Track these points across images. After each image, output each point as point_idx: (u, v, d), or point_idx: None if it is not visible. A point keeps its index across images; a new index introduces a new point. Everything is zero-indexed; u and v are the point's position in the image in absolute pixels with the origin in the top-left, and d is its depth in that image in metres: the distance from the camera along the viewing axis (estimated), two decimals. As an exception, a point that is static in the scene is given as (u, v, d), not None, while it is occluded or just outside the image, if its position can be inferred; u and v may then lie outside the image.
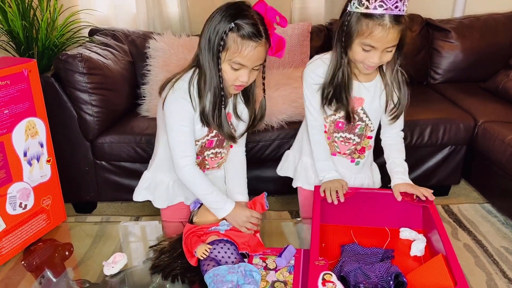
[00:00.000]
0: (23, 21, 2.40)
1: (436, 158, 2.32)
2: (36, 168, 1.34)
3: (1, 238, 1.27)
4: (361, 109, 1.42)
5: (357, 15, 1.24)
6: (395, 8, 1.21)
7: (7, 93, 1.22)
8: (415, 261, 1.23)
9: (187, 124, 1.30)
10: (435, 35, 2.76)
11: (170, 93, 1.29)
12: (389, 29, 1.22)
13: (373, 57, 1.27)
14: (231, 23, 1.20)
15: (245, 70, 1.24)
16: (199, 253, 1.17)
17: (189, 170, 1.32)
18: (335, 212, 1.36)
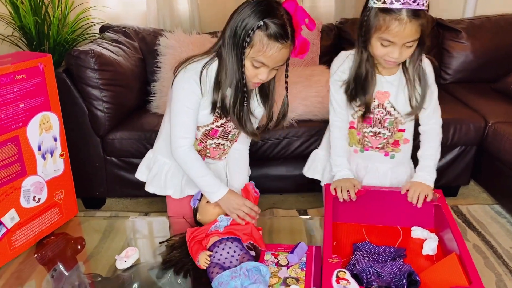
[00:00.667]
0: (35, 17, 2.42)
1: (446, 159, 2.30)
2: (49, 162, 1.36)
3: (15, 231, 1.28)
4: (387, 102, 1.42)
5: (375, 10, 1.25)
6: (413, 3, 1.20)
7: (23, 87, 1.23)
8: (427, 260, 1.23)
9: (191, 106, 1.30)
10: (446, 35, 2.75)
11: (182, 72, 1.30)
12: (406, 23, 1.21)
13: (393, 52, 1.27)
14: (260, 20, 1.19)
15: (266, 68, 1.24)
16: (201, 262, 1.17)
17: (184, 150, 1.32)
18: (347, 210, 1.36)
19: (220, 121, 1.36)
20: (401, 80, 1.40)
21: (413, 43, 1.27)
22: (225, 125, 1.39)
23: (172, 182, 1.47)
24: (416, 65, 1.37)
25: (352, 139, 1.51)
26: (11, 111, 1.21)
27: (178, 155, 1.33)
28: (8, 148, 1.22)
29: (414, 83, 1.39)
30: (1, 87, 1.18)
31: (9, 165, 1.23)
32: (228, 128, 1.40)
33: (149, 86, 2.53)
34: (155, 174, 1.47)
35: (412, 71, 1.38)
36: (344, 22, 2.75)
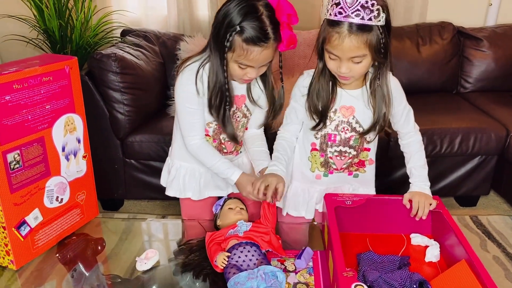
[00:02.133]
0: (59, 21, 2.47)
1: (466, 168, 2.28)
2: (73, 163, 1.38)
3: (38, 230, 1.30)
4: (352, 118, 1.33)
5: (325, 21, 1.19)
6: (355, 16, 1.12)
7: (50, 88, 1.25)
8: (430, 267, 1.21)
9: (193, 106, 1.33)
10: (467, 44, 2.73)
11: (180, 75, 1.33)
12: (345, 37, 1.13)
13: (340, 67, 1.19)
14: (237, 26, 1.19)
15: (252, 69, 1.26)
16: (219, 262, 1.17)
17: (194, 145, 1.38)
18: (346, 219, 1.33)
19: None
20: (365, 95, 1.32)
21: (361, 59, 1.18)
22: (233, 117, 1.40)
23: (191, 184, 1.49)
24: (374, 82, 1.28)
25: (315, 163, 1.41)
26: (38, 112, 1.23)
27: (191, 151, 1.40)
28: (34, 149, 1.25)
29: (377, 101, 1.29)
30: (29, 89, 1.20)
31: (34, 165, 1.26)
32: (237, 118, 1.41)
33: (169, 90, 2.56)
34: (173, 178, 1.50)
35: (373, 88, 1.29)
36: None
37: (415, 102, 2.48)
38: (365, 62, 1.19)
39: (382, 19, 1.14)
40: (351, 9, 1.12)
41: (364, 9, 1.11)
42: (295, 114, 1.37)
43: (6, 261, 1.26)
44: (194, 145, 1.38)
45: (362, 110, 1.32)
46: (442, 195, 2.32)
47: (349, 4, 1.12)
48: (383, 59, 1.21)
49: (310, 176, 1.42)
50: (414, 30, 2.73)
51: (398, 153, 2.20)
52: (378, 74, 1.26)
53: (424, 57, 2.65)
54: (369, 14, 1.12)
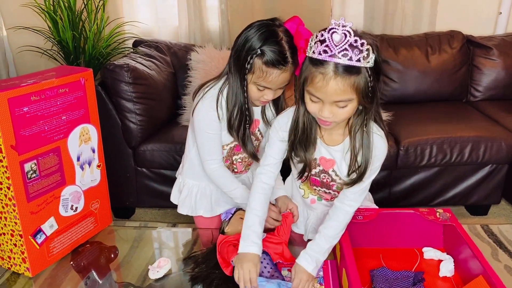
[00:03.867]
0: (73, 32, 2.51)
1: (476, 177, 2.28)
2: (87, 172, 1.40)
3: (53, 238, 1.33)
4: (332, 170, 1.26)
5: (307, 59, 1.08)
6: (342, 56, 1.00)
7: (66, 100, 1.29)
8: (445, 282, 1.19)
9: (213, 131, 1.37)
10: (476, 52, 2.73)
11: (200, 101, 1.36)
12: (330, 79, 1.02)
13: (322, 110, 1.08)
14: (257, 49, 1.23)
15: (269, 91, 1.29)
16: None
17: (214, 170, 1.42)
18: (357, 234, 1.32)
19: None
20: (345, 148, 1.21)
21: (346, 103, 1.07)
22: None
23: (202, 202, 1.53)
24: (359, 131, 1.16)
25: (307, 189, 1.38)
26: (54, 123, 1.27)
27: (210, 175, 1.44)
28: (50, 158, 1.28)
29: (357, 153, 1.18)
30: (46, 100, 1.23)
31: (50, 175, 1.29)
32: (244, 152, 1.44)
33: (179, 100, 2.59)
34: (185, 196, 1.54)
35: (359, 139, 1.17)
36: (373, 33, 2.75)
37: (424, 111, 2.53)
38: (350, 107, 1.08)
39: (371, 60, 1.02)
40: (338, 48, 1.00)
41: (352, 49, 1.00)
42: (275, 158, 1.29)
43: (23, 268, 1.29)
44: (214, 169, 1.42)
45: (340, 163, 1.23)
46: (452, 204, 2.34)
47: (336, 43, 1.01)
48: (370, 104, 1.10)
49: (306, 201, 1.41)
50: (423, 39, 2.73)
51: (407, 162, 2.22)
52: (364, 121, 1.14)
53: (433, 66, 2.66)
54: (358, 54, 1.00)
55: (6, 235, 1.26)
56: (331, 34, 1.01)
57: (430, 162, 2.23)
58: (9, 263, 1.30)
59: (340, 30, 1.01)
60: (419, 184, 2.29)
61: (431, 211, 1.32)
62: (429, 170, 2.27)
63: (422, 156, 2.22)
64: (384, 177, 2.26)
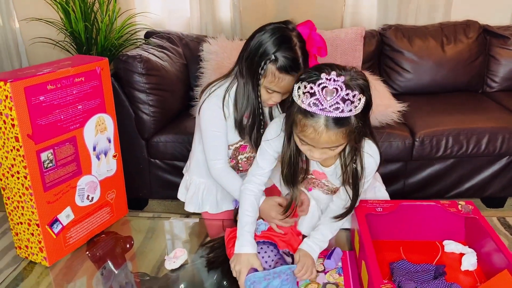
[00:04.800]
0: (85, 23, 2.51)
1: (493, 168, 2.24)
2: (103, 162, 1.40)
3: (69, 228, 1.33)
4: (325, 180, 1.30)
5: (296, 106, 1.05)
6: (334, 110, 0.99)
7: (82, 89, 1.28)
8: (467, 276, 1.17)
9: (219, 130, 1.36)
10: (493, 42, 2.68)
11: (207, 100, 1.35)
12: (322, 132, 1.02)
13: (312, 152, 1.09)
14: (272, 54, 1.22)
15: (278, 94, 1.29)
16: None
17: (219, 170, 1.40)
18: (376, 226, 1.30)
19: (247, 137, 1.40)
20: (336, 169, 1.23)
21: (336, 148, 1.08)
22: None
23: (208, 199, 1.53)
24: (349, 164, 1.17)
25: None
26: (70, 112, 1.26)
27: (214, 175, 1.42)
28: (66, 148, 1.27)
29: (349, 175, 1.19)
30: (62, 89, 1.23)
31: (66, 164, 1.28)
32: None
33: (192, 91, 2.58)
34: (193, 194, 1.54)
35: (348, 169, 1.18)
36: (386, 28, 2.73)
37: (439, 102, 2.50)
38: (341, 148, 1.09)
39: (361, 106, 1.02)
40: (329, 103, 0.98)
41: (344, 102, 0.99)
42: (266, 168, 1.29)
43: (40, 258, 1.29)
44: (218, 169, 1.40)
45: (332, 178, 1.27)
46: (468, 196, 2.31)
47: (328, 98, 0.99)
48: (359, 142, 1.12)
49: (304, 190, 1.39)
50: (439, 29, 2.69)
51: (423, 153, 2.20)
52: (354, 156, 1.15)
53: (448, 56, 2.61)
54: (349, 106, 0.99)
55: (23, 224, 1.27)
56: (321, 89, 0.99)
57: (446, 154, 2.20)
58: (27, 252, 1.31)
59: (332, 86, 0.98)
60: (434, 176, 2.26)
61: (452, 203, 1.29)
62: (445, 161, 2.24)
63: (438, 148, 2.19)
64: (398, 168, 2.24)
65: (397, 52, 2.64)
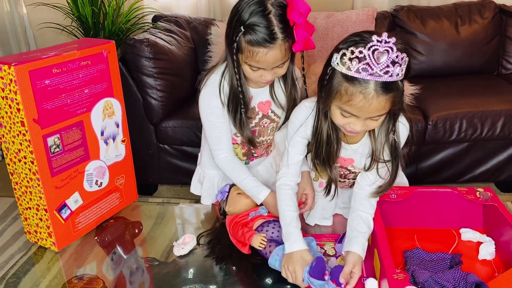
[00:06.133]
0: (92, 7, 2.48)
1: (508, 152, 2.19)
2: (111, 147, 1.38)
3: (78, 213, 1.32)
4: (351, 166, 1.24)
5: (338, 73, 1.00)
6: (384, 74, 0.95)
7: (88, 73, 1.26)
8: (485, 266, 1.13)
9: (217, 119, 1.31)
10: (509, 22, 2.60)
11: (203, 88, 1.30)
12: (373, 98, 0.97)
13: (354, 124, 1.04)
14: (241, 27, 1.13)
15: (265, 71, 1.19)
16: (256, 244, 1.18)
17: (223, 160, 1.36)
18: (391, 213, 1.27)
19: (254, 121, 1.35)
20: (365, 147, 1.18)
21: (380, 117, 1.04)
22: (260, 124, 1.37)
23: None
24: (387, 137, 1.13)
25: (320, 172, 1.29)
26: (77, 96, 1.24)
27: (219, 165, 1.38)
28: (73, 133, 1.26)
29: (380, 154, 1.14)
30: (68, 73, 1.21)
31: (74, 149, 1.27)
32: (264, 124, 1.38)
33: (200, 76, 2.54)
34: (208, 187, 1.49)
35: (380, 142, 1.13)
36: (399, 9, 2.66)
37: (453, 85, 2.44)
38: (382, 117, 1.05)
39: (404, 70, 0.98)
40: (380, 66, 0.94)
41: (394, 65, 0.95)
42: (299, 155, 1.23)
43: (49, 243, 1.29)
44: (222, 160, 1.36)
45: (359, 160, 1.21)
46: (482, 180, 2.27)
47: (379, 61, 0.94)
48: (399, 110, 1.07)
49: (314, 184, 1.36)
50: (453, 10, 2.61)
51: (436, 137, 2.15)
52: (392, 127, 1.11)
53: (463, 37, 2.54)
54: (397, 69, 0.95)
55: (32, 209, 1.26)
56: (372, 52, 0.94)
57: (459, 137, 2.15)
58: (36, 237, 1.30)
59: (382, 47, 0.94)
60: (447, 160, 2.22)
61: (470, 190, 1.25)
62: (459, 145, 2.20)
63: (452, 131, 2.14)
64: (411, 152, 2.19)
65: (410, 33, 2.58)
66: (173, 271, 1.19)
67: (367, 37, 0.96)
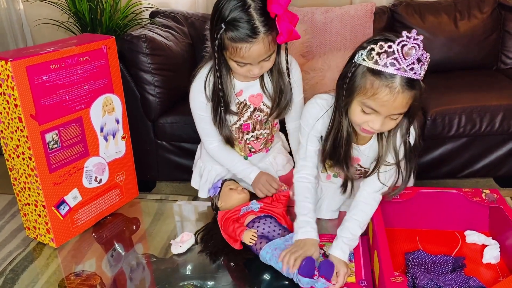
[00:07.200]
0: (89, 3, 2.46)
1: (507, 147, 2.19)
2: (111, 144, 1.38)
3: (77, 210, 1.32)
4: (357, 165, 1.26)
5: (363, 68, 1.02)
6: (410, 70, 0.98)
7: (87, 69, 1.25)
8: (489, 270, 1.11)
9: (204, 113, 1.33)
10: (508, 17, 2.60)
11: (193, 82, 1.32)
12: (398, 93, 0.99)
13: (373, 122, 1.05)
14: (222, 23, 1.12)
15: (252, 66, 1.19)
16: (247, 239, 1.18)
17: (213, 148, 1.39)
18: (392, 214, 1.26)
19: (246, 114, 1.35)
20: (370, 150, 1.20)
21: (399, 116, 1.06)
22: (252, 117, 1.37)
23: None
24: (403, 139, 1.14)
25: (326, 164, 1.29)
26: (75, 92, 1.23)
27: (210, 153, 1.42)
28: (72, 129, 1.25)
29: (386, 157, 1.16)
30: (66, 69, 1.20)
31: (72, 146, 1.26)
32: (257, 117, 1.38)
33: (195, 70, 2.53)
34: (205, 181, 1.50)
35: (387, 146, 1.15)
36: (397, 4, 2.65)
37: (452, 80, 2.44)
38: (399, 118, 1.07)
39: (423, 74, 1.02)
40: (407, 62, 0.97)
41: (419, 63, 0.99)
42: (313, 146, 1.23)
43: (47, 239, 1.28)
44: (213, 148, 1.39)
45: (365, 160, 1.23)
46: (480, 175, 2.27)
47: (407, 56, 0.97)
48: (415, 112, 1.09)
49: (321, 175, 1.36)
50: (451, 4, 2.60)
51: (435, 132, 2.15)
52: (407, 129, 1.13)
53: (462, 32, 2.54)
54: (421, 68, 0.99)
55: (31, 205, 1.25)
56: (401, 47, 0.97)
57: (458, 132, 2.15)
58: (35, 233, 1.30)
59: (411, 43, 0.97)
60: (446, 155, 2.21)
61: (476, 192, 1.23)
62: (457, 140, 2.19)
63: (450, 126, 2.14)
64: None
65: (409, 28, 2.53)
66: (170, 267, 1.19)
67: (395, 35, 1.00)
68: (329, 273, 1.05)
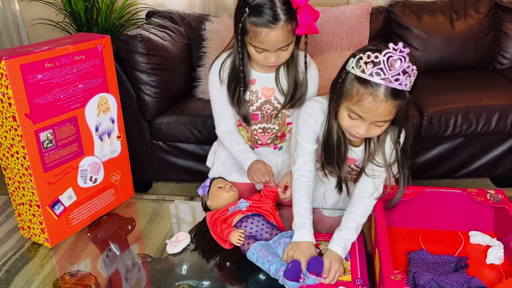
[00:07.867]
0: (85, 3, 2.45)
1: (503, 147, 2.19)
2: (107, 143, 1.37)
3: (72, 210, 1.31)
4: (354, 165, 1.28)
5: (352, 76, 1.06)
6: (394, 81, 1.01)
7: (82, 68, 1.24)
8: (492, 271, 1.11)
9: (219, 95, 1.38)
10: (504, 17, 2.60)
11: (211, 65, 1.38)
12: (381, 102, 1.03)
13: (359, 128, 1.10)
14: (246, 7, 1.18)
15: (269, 53, 1.24)
16: (234, 240, 1.18)
17: (221, 131, 1.44)
18: (395, 213, 1.25)
19: (255, 104, 1.38)
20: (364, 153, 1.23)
21: (384, 123, 1.09)
22: (262, 108, 1.39)
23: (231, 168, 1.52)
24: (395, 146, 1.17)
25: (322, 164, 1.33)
26: (70, 91, 1.23)
27: (218, 135, 1.47)
28: (67, 128, 1.24)
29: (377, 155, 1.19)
30: (61, 68, 1.19)
31: (67, 145, 1.25)
32: (266, 110, 1.40)
33: (194, 72, 2.52)
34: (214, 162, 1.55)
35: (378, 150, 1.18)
36: (393, 4, 2.65)
37: (448, 80, 2.44)
38: (386, 125, 1.11)
39: (412, 82, 1.04)
40: (391, 73, 1.01)
41: (404, 74, 1.01)
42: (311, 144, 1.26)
43: (42, 239, 1.27)
44: (221, 131, 1.44)
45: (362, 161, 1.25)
46: (477, 176, 2.28)
47: (392, 67, 1.00)
48: (405, 122, 1.13)
49: (319, 173, 1.37)
50: (448, 5, 2.61)
51: (431, 132, 2.15)
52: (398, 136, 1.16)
53: (458, 32, 2.54)
54: (407, 79, 1.02)
55: (25, 205, 1.24)
56: (387, 58, 1.01)
57: (454, 132, 2.15)
58: (29, 233, 1.29)
59: (397, 56, 1.00)
60: (442, 155, 2.22)
61: (481, 192, 1.22)
62: (454, 140, 2.20)
63: (447, 126, 2.14)
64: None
65: (405, 29, 2.58)
66: (166, 267, 1.18)
67: (383, 46, 1.03)
68: (318, 269, 1.07)
